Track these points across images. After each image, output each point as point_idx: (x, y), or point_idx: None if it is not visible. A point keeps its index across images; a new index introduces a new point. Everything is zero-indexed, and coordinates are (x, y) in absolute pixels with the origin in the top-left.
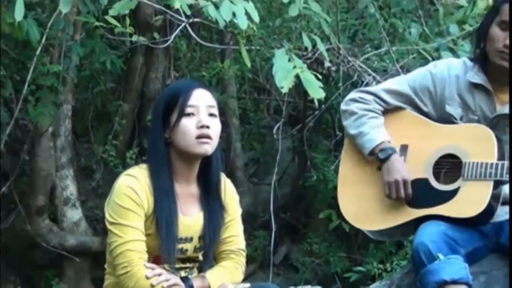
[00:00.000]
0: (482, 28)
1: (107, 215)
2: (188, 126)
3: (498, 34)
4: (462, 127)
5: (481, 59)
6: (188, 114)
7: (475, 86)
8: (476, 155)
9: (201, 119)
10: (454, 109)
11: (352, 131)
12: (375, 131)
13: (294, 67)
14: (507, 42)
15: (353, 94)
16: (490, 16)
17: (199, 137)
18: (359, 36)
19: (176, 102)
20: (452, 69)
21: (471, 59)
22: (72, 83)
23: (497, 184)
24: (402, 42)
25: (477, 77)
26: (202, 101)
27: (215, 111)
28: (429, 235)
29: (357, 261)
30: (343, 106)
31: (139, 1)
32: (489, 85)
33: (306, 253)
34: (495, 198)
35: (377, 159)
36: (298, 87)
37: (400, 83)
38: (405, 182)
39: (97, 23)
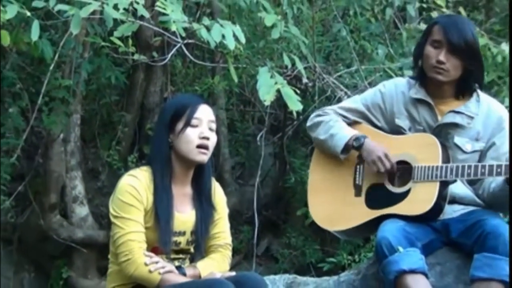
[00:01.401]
0: (418, 48)
1: (111, 210)
2: (191, 135)
3: (431, 51)
4: (410, 137)
5: (420, 76)
6: (193, 125)
7: (418, 100)
8: (423, 160)
9: (203, 131)
10: (402, 122)
11: (322, 137)
12: (344, 130)
13: (276, 83)
14: (440, 58)
15: (315, 113)
16: (424, 37)
17: (200, 146)
18: (333, 56)
19: (183, 112)
20: (399, 87)
21: (412, 78)
22: (81, 96)
23: (444, 184)
24: (370, 62)
25: (419, 93)
26: (205, 115)
27: (214, 126)
28: (390, 231)
29: (329, 253)
30: (308, 123)
31: (140, 24)
32: (429, 99)
33: (285, 246)
34: (442, 197)
35: (353, 149)
36: (279, 100)
37: (355, 101)
38: (386, 155)
39: (103, 43)
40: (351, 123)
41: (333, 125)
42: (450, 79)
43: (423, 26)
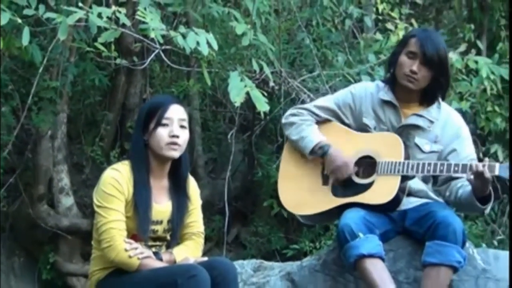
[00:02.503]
0: (393, 56)
1: (94, 200)
2: (162, 134)
3: (405, 61)
4: (376, 135)
5: (391, 81)
6: (164, 124)
7: (385, 102)
8: (387, 156)
9: (173, 129)
10: (369, 121)
11: (294, 137)
12: (313, 134)
13: (245, 86)
14: (413, 68)
15: (291, 110)
16: (400, 47)
17: (170, 143)
18: (297, 62)
19: (155, 113)
20: (368, 89)
21: (382, 81)
22: (67, 96)
23: (404, 179)
24: (331, 68)
25: (387, 96)
26: (176, 114)
27: (185, 123)
28: (352, 218)
29: (293, 240)
30: (283, 120)
31: (122, 31)
32: (396, 102)
33: (253, 234)
34: (402, 190)
35: (318, 156)
36: (248, 102)
37: (328, 100)
38: (346, 164)
39: (88, 48)
40: (323, 121)
41: (304, 129)
42: (418, 87)
43: (378, 36)
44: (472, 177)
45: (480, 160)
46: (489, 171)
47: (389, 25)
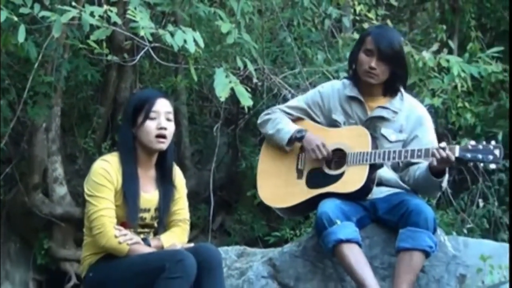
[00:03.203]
0: (352, 54)
1: (86, 189)
2: (150, 127)
3: (364, 58)
4: (345, 129)
5: (354, 78)
6: (151, 118)
7: (351, 98)
8: (356, 148)
9: (160, 122)
10: (338, 117)
11: (270, 131)
12: (289, 126)
13: (230, 82)
14: (371, 65)
15: (265, 112)
16: (358, 45)
17: (158, 136)
18: (279, 59)
19: (143, 107)
20: (335, 87)
21: (347, 78)
22: (61, 91)
23: (373, 168)
24: (311, 65)
25: (352, 92)
26: (162, 108)
27: (171, 116)
28: (329, 207)
29: (275, 228)
30: (259, 120)
31: (113, 29)
32: (361, 97)
33: (236, 222)
34: (371, 179)
35: (296, 141)
36: (233, 97)
37: (298, 100)
38: (323, 144)
39: (81, 46)
40: (296, 119)
41: (279, 122)
42: (379, 81)
43: (356, 35)
44: (435, 162)
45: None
46: (451, 153)
47: (366, 25)
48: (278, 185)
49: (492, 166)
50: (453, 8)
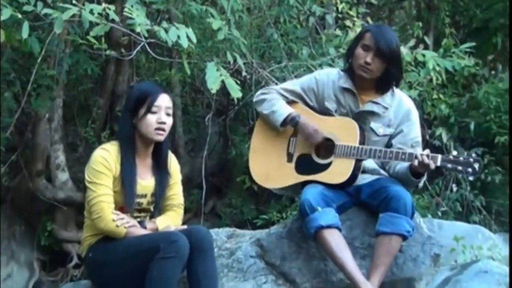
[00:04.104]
0: (350, 48)
1: (86, 176)
2: (151, 120)
3: (361, 53)
4: (336, 119)
5: (349, 70)
6: (153, 112)
7: (345, 89)
8: (344, 140)
9: (161, 117)
10: (330, 105)
11: (266, 112)
12: (283, 108)
13: (221, 75)
14: (367, 60)
15: (261, 90)
16: (356, 40)
17: (158, 129)
18: (266, 54)
19: (145, 100)
20: (330, 76)
21: (343, 70)
22: (63, 83)
23: (358, 161)
24: (296, 60)
25: (346, 83)
26: (164, 103)
27: (171, 111)
28: (311, 194)
29: (262, 211)
30: (255, 99)
31: (111, 26)
32: (355, 89)
33: (227, 206)
34: (356, 169)
35: (290, 125)
36: (223, 89)
37: (294, 84)
38: (317, 130)
39: (81, 41)
40: (290, 102)
41: (275, 103)
42: (373, 77)
43: (338, 32)
44: (417, 165)
45: (426, 142)
46: (433, 162)
47: (348, 23)
48: (268, 166)
49: (470, 178)
50: (429, 6)
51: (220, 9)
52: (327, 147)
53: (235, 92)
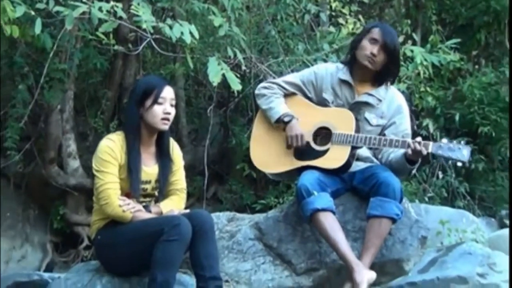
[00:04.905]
0: (355, 41)
1: (93, 165)
2: (158, 111)
3: (367, 45)
4: (333, 110)
5: (350, 63)
6: (159, 103)
7: (342, 81)
8: (340, 128)
9: (166, 108)
10: (328, 96)
11: (264, 107)
12: (280, 106)
13: (222, 69)
14: (373, 51)
15: (263, 84)
16: (363, 33)
17: (163, 119)
18: (265, 50)
19: (152, 92)
20: (329, 69)
21: (342, 63)
22: (74, 77)
23: (353, 148)
24: (293, 55)
25: (345, 76)
26: (169, 95)
27: (174, 102)
28: (307, 179)
29: (261, 196)
30: (257, 91)
31: (119, 23)
32: (352, 81)
33: (228, 191)
34: (351, 156)
35: (282, 123)
36: (224, 82)
37: (294, 77)
38: (301, 135)
39: (91, 37)
40: (290, 94)
41: (273, 100)
42: (374, 69)
43: (332, 29)
44: (410, 152)
45: (414, 132)
46: (425, 148)
47: (341, 20)
48: (269, 153)
49: (459, 164)
50: (417, 5)
51: (221, 7)
52: (325, 135)
53: (235, 85)
